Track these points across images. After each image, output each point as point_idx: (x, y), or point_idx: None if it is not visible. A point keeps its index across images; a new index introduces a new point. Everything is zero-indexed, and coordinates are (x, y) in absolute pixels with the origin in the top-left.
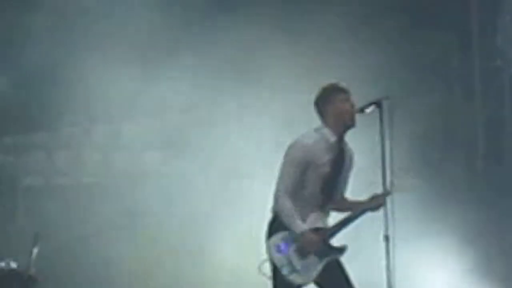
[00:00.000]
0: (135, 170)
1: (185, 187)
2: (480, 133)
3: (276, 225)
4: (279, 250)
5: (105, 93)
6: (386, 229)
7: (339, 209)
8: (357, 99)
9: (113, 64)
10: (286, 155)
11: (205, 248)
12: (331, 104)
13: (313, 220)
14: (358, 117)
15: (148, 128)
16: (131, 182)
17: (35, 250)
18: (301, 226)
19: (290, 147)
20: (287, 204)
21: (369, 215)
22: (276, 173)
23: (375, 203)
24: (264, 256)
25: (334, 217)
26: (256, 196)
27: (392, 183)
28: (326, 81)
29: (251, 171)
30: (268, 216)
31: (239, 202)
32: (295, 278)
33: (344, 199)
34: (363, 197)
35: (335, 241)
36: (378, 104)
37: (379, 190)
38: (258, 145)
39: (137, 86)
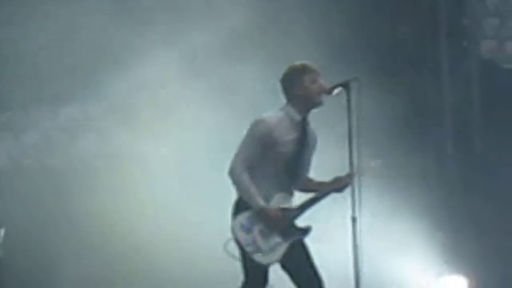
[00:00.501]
0: (102, 152)
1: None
2: (449, 115)
3: (241, 204)
4: (243, 229)
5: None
6: (354, 210)
7: (304, 190)
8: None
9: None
10: (249, 130)
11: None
12: (299, 84)
13: (278, 201)
14: (325, 98)
15: (116, 110)
16: (98, 163)
17: (2, 232)
18: (259, 202)
19: (254, 123)
20: (244, 178)
21: (337, 196)
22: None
23: (340, 184)
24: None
25: (299, 197)
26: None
27: (358, 166)
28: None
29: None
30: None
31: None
32: (259, 258)
33: (308, 180)
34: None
35: (302, 222)
36: (345, 85)
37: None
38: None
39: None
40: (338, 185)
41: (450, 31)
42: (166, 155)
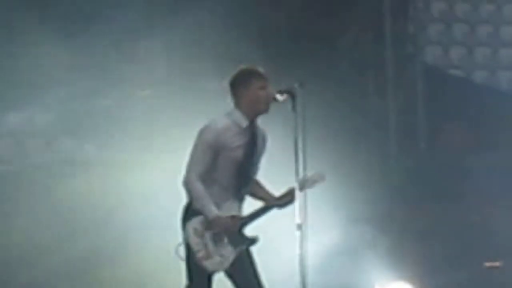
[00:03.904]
0: (49, 158)
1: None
2: (393, 120)
3: (193, 208)
4: (196, 233)
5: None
6: (299, 217)
7: (252, 195)
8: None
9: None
10: (197, 139)
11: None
12: (247, 89)
13: (228, 208)
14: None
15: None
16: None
17: None
18: (213, 211)
19: (201, 131)
20: (198, 188)
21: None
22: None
23: (285, 200)
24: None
25: (249, 203)
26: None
27: (304, 178)
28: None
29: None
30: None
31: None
32: (209, 265)
33: (257, 184)
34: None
35: (248, 230)
36: (291, 92)
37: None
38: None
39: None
40: (282, 201)
41: (395, 36)
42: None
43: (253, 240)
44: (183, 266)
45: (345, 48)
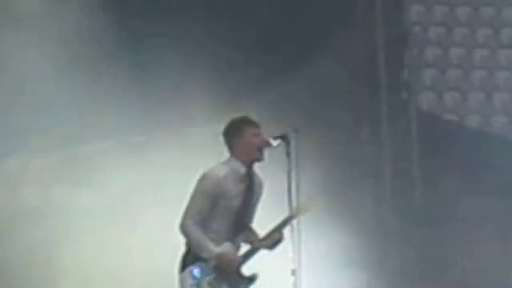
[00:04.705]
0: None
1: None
2: (388, 163)
3: (190, 257)
4: (194, 280)
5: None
6: (294, 262)
7: (244, 241)
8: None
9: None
10: (196, 186)
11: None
12: (241, 137)
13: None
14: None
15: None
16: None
17: None
18: (214, 249)
19: (201, 179)
20: (196, 232)
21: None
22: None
23: (272, 240)
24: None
25: None
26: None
27: (297, 207)
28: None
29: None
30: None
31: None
32: None
33: (250, 230)
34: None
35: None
36: (284, 137)
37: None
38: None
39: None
40: (267, 241)
41: (390, 82)
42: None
43: (252, 278)
44: None
45: (340, 93)
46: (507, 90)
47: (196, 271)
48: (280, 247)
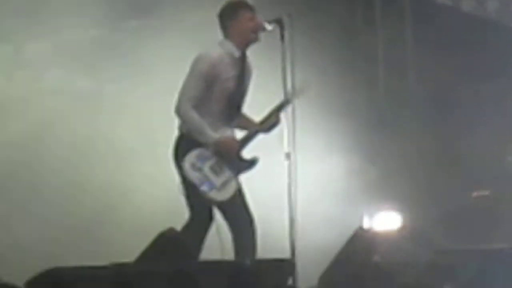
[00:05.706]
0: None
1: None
2: (381, 52)
3: (184, 144)
4: (194, 168)
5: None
6: (288, 146)
7: (238, 127)
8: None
9: None
10: (191, 68)
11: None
12: (236, 20)
13: (222, 134)
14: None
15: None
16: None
17: None
18: (213, 134)
19: (196, 61)
20: (195, 116)
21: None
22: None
23: (268, 124)
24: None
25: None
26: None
27: (292, 91)
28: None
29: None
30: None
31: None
32: (214, 195)
33: (243, 116)
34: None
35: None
36: (279, 22)
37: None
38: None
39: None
40: (265, 125)
41: None
42: None
43: (253, 162)
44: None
45: None
46: None
47: (198, 164)
48: (275, 131)
